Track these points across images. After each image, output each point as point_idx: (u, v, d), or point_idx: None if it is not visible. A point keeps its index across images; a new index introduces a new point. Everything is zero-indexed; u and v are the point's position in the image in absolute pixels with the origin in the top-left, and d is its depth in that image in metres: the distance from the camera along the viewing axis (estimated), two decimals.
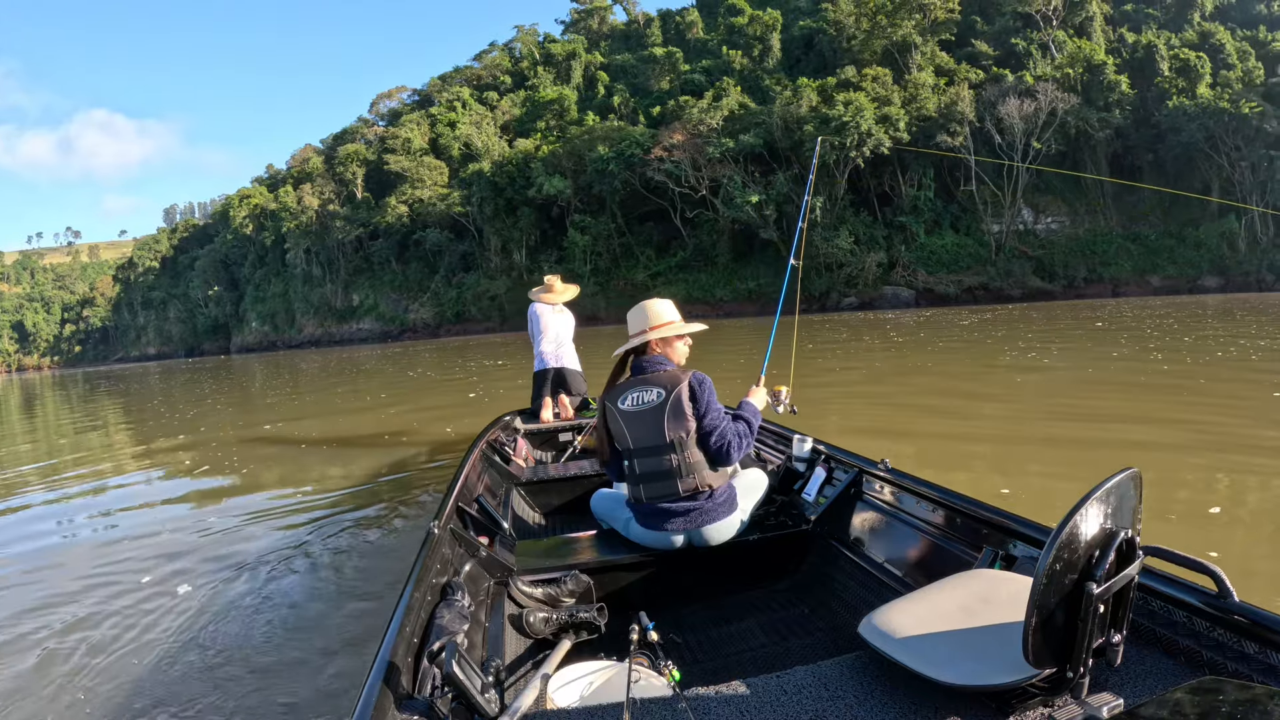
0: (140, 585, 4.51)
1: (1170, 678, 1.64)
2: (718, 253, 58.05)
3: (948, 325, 27.22)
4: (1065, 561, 1.39)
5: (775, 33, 67.71)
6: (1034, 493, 5.25)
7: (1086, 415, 8.11)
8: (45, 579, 4.91)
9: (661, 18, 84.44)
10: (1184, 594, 1.75)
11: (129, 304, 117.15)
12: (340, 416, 13.42)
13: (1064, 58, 57.67)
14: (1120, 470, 1.50)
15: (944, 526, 2.61)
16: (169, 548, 5.31)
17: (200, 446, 10.74)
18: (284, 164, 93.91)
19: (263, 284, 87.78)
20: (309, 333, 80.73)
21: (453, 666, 1.58)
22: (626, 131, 60.18)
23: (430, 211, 67.79)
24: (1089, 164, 56.22)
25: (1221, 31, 60.57)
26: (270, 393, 21.66)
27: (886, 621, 1.80)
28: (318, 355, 51.88)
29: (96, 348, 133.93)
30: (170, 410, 17.76)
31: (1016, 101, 52.09)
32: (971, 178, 54.57)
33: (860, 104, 50.75)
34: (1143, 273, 53.17)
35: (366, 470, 7.66)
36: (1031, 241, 54.70)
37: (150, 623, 3.88)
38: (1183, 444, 6.39)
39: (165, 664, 3.38)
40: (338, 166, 77.70)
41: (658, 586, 2.94)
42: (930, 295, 51.40)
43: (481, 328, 64.57)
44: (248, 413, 16.03)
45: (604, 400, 3.09)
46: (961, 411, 8.97)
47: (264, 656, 3.37)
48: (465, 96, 78.27)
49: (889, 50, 59.10)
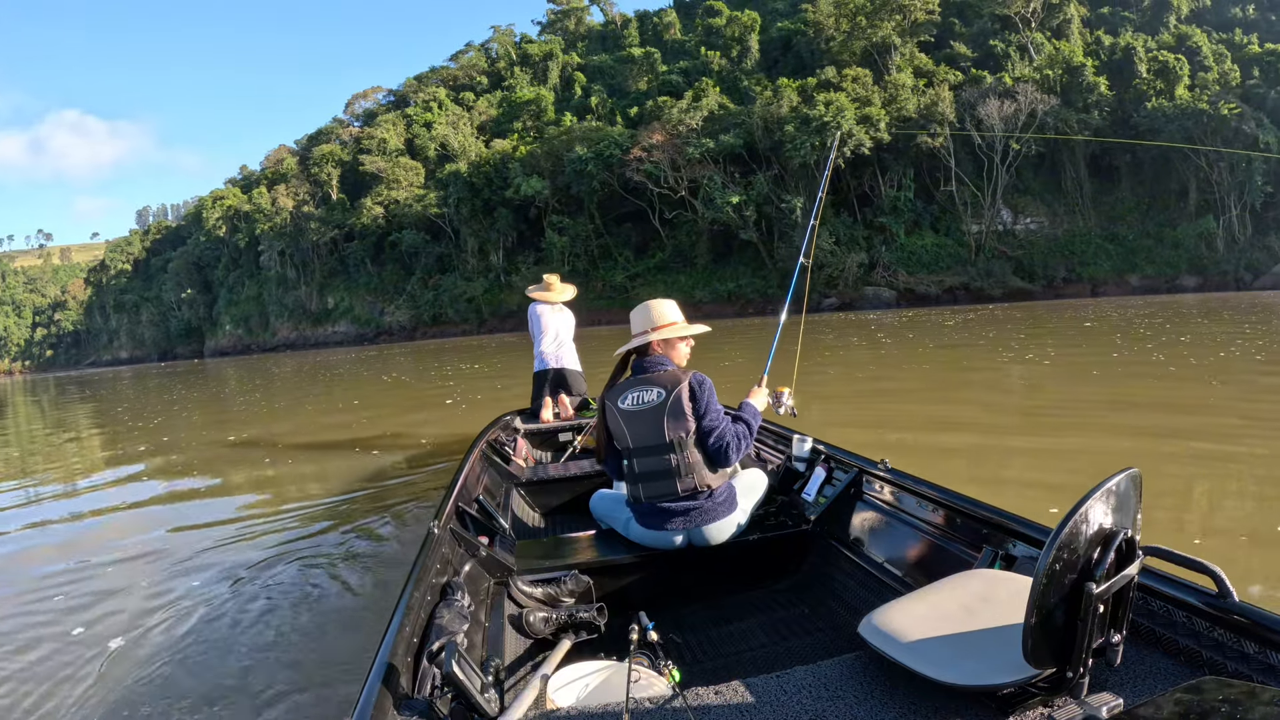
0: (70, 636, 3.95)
1: (1170, 678, 1.63)
2: (696, 254, 56.90)
3: (934, 326, 26.56)
4: (1065, 561, 1.38)
5: (754, 34, 66.82)
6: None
7: (1106, 413, 7.86)
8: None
9: (639, 19, 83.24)
10: (1184, 594, 1.72)
11: (100, 307, 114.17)
12: (308, 431, 12.27)
13: (1042, 59, 57.27)
14: (1120, 470, 1.48)
15: (944, 526, 2.59)
16: (104, 586, 4.74)
17: (164, 454, 10.47)
18: (258, 165, 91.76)
19: (236, 286, 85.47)
20: (283, 336, 78.46)
21: (452, 666, 1.57)
22: (605, 132, 58.94)
23: (406, 213, 66.03)
24: (1068, 165, 55.98)
25: (1198, 34, 60.58)
26: (240, 398, 20.69)
27: (886, 621, 1.78)
28: (291, 359, 50.30)
29: (68, 352, 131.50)
30: (135, 420, 16.72)
31: (996, 102, 51.59)
32: (951, 178, 53.91)
33: (841, 104, 49.95)
34: (1121, 273, 52.94)
35: (333, 488, 7.07)
36: (1010, 242, 54.23)
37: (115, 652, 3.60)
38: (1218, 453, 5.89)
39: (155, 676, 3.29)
40: (312, 167, 75.73)
41: (657, 586, 2.93)
42: (911, 296, 50.65)
43: (458, 330, 62.95)
44: (215, 426, 14.82)
45: (604, 399, 3.07)
46: (981, 418, 8.35)
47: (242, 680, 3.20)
48: (441, 97, 76.67)
49: (869, 51, 58.34)
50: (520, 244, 63.61)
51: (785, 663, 2.25)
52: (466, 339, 54.50)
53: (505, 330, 58.88)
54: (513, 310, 61.46)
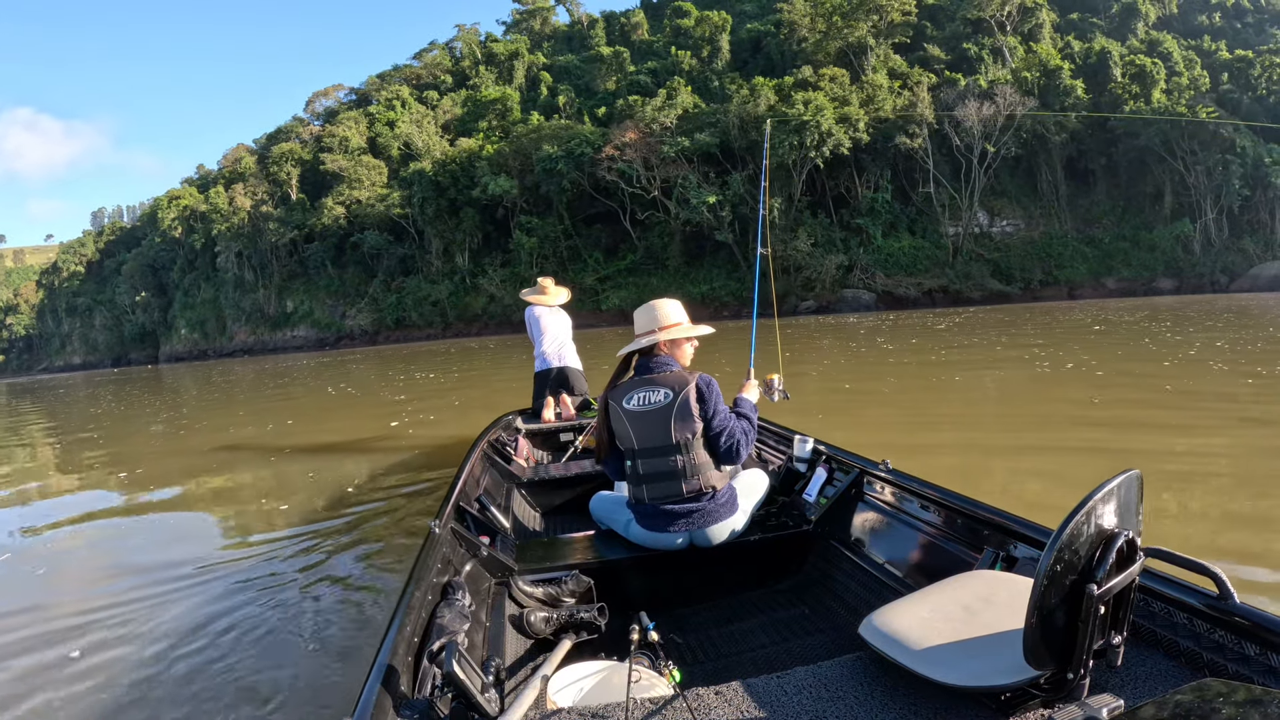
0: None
1: (1171, 679, 1.61)
2: (669, 256, 53.93)
3: (922, 329, 24.28)
4: (1066, 563, 1.37)
5: (724, 33, 64.28)
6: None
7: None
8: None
9: (605, 19, 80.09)
10: (1185, 595, 1.69)
11: (53, 310, 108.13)
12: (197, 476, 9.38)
13: (1019, 61, 55.60)
14: (1121, 471, 1.47)
15: (945, 527, 2.50)
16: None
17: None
18: (215, 164, 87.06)
19: (192, 289, 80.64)
20: (241, 340, 73.83)
21: (453, 666, 1.55)
22: (576, 130, 55.81)
23: (368, 213, 62.11)
24: (1044, 168, 54.42)
25: (1169, 40, 59.64)
26: (164, 414, 17.33)
27: (887, 622, 1.75)
28: (246, 365, 46.55)
29: (20, 357, 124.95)
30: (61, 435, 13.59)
31: (975, 104, 49.67)
32: (930, 180, 51.88)
33: (820, 103, 47.58)
34: (1098, 275, 51.38)
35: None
36: (987, 244, 52.36)
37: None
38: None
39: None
40: (271, 166, 71.32)
41: (658, 587, 2.82)
42: (889, 298, 48.45)
43: (423, 334, 59.20)
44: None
45: (607, 398, 2.93)
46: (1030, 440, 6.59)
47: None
48: (405, 95, 72.85)
49: (844, 52, 56.12)
50: (487, 245, 60.07)
51: (786, 663, 2.20)
52: (430, 343, 51.15)
53: (470, 334, 55.57)
54: (478, 314, 58.16)
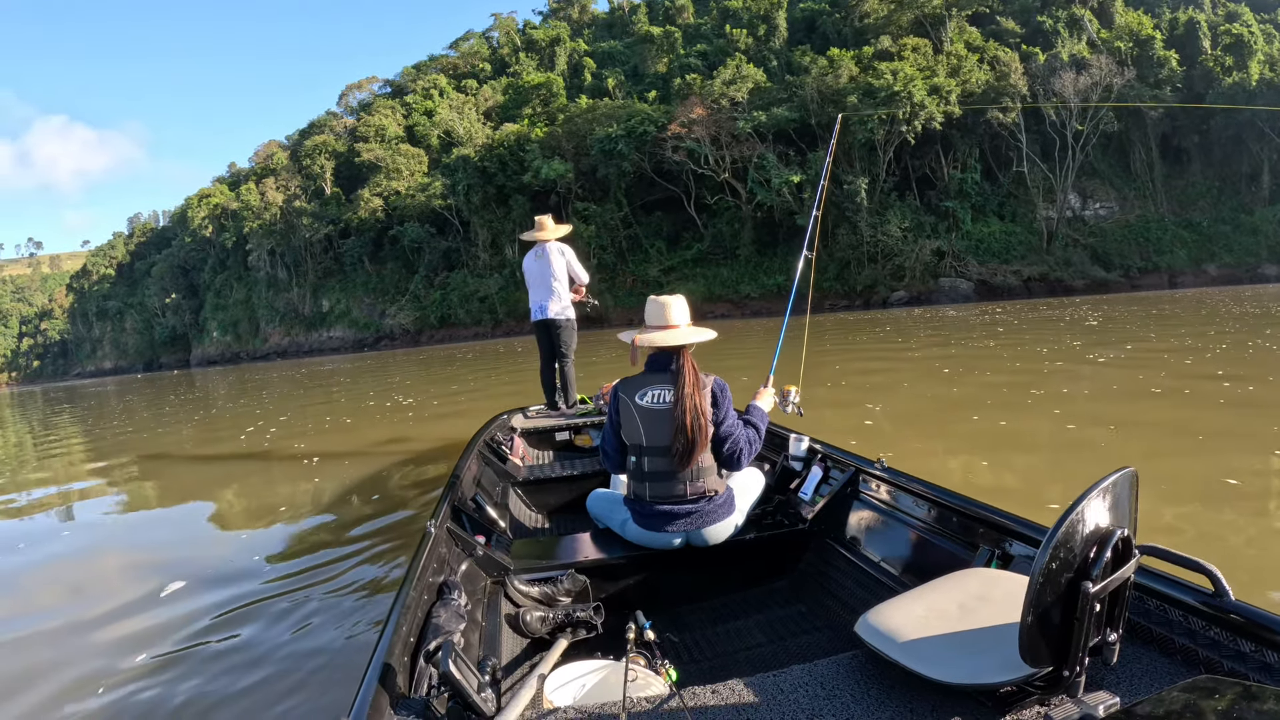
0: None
1: (1166, 676, 1.56)
2: (739, 244, 46.76)
3: (1057, 326, 17.42)
4: (1061, 560, 1.32)
5: (781, 10, 57.11)
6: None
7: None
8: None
9: (648, 3, 72.83)
10: (1180, 593, 1.65)
11: (84, 315, 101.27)
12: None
13: (1109, 33, 48.44)
14: (1116, 470, 1.40)
15: (940, 525, 2.42)
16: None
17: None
18: (247, 162, 79.88)
19: (223, 290, 73.60)
20: (275, 342, 66.87)
21: (449, 666, 1.50)
22: (636, 108, 48.71)
23: (408, 204, 55.02)
24: (1138, 146, 47.32)
25: (1246, 11, 52.57)
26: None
27: (883, 620, 1.69)
28: (279, 369, 39.93)
29: (55, 362, 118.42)
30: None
31: (1071, 75, 42.64)
32: (1022, 159, 44.79)
33: (909, 73, 40.54)
34: (1199, 262, 44.41)
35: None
36: (1081, 229, 45.28)
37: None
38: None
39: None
40: (304, 160, 64.33)
41: (655, 586, 2.70)
42: (984, 288, 41.48)
43: (470, 333, 52.17)
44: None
45: (618, 391, 2.73)
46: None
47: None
48: (443, 84, 65.83)
49: (920, 23, 49.00)
50: None
51: (782, 662, 2.15)
52: (479, 343, 44.24)
53: (523, 333, 48.65)
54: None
